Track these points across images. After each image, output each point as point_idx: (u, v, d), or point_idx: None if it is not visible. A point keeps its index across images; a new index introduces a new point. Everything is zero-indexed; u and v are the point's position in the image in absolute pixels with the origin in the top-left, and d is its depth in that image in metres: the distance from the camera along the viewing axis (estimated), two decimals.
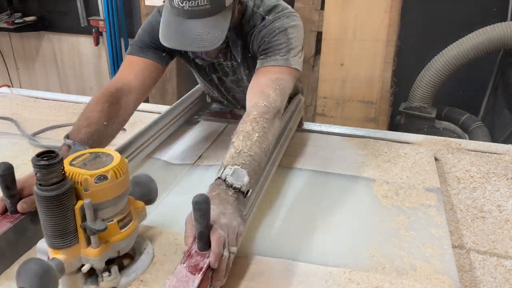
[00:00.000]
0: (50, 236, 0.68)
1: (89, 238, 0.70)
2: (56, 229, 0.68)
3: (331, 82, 2.86)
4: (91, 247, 0.70)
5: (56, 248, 0.69)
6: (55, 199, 0.65)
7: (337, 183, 1.13)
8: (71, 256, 0.70)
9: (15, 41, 4.08)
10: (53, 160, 0.65)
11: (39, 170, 0.65)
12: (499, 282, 0.86)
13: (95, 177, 0.68)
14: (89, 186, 0.68)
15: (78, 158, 0.72)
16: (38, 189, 0.66)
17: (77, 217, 0.68)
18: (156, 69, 1.18)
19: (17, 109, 1.55)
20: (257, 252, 0.87)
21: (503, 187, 1.15)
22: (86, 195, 0.68)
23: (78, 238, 0.70)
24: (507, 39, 2.51)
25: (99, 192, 0.69)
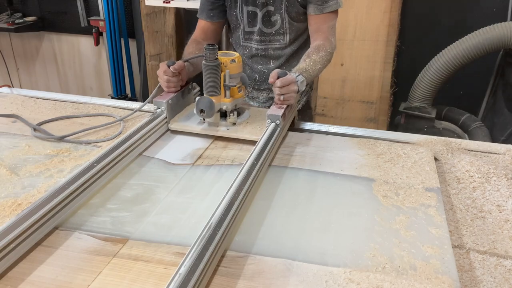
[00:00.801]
0: (209, 88, 1.31)
1: (226, 92, 1.33)
2: (213, 84, 1.30)
3: (331, 82, 2.87)
4: (226, 98, 1.34)
5: (211, 95, 1.31)
6: (214, 67, 1.29)
7: (337, 183, 1.13)
8: (217, 100, 1.32)
9: (15, 41, 4.08)
10: (215, 46, 1.27)
11: (208, 51, 1.27)
12: (499, 282, 0.86)
13: (230, 59, 1.32)
14: (227, 64, 1.31)
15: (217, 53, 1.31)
16: (206, 62, 1.28)
17: (221, 79, 1.31)
18: (212, 26, 1.64)
19: (17, 109, 1.55)
20: (257, 252, 0.87)
21: (503, 187, 1.15)
22: (226, 69, 1.31)
23: (221, 92, 1.32)
24: (507, 39, 2.51)
25: (232, 68, 1.32)
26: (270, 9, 1.55)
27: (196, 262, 0.74)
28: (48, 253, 0.87)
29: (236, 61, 1.32)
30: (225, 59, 1.31)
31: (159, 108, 1.35)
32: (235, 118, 1.34)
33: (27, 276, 0.81)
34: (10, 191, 1.06)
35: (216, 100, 1.31)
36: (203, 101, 1.29)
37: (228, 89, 1.31)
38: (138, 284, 0.79)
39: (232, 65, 1.32)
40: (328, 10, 1.48)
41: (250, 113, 1.43)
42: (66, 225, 0.95)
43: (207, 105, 1.28)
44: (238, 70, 1.34)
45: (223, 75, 1.31)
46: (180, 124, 1.38)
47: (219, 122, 1.35)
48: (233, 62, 1.32)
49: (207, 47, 1.26)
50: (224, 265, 0.84)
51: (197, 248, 0.77)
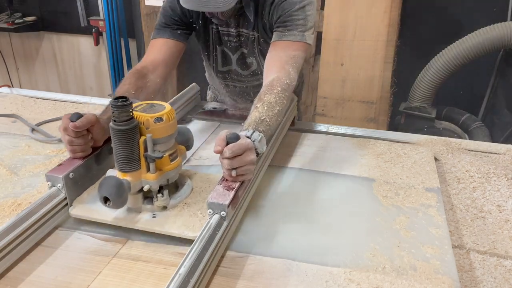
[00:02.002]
0: (120, 162, 0.88)
1: (148, 166, 0.90)
2: (126, 156, 0.87)
3: (331, 82, 2.86)
4: (150, 173, 0.90)
5: (125, 171, 0.89)
6: (126, 132, 0.85)
7: (337, 183, 1.13)
8: (135, 178, 0.90)
9: (15, 41, 4.08)
10: (126, 102, 0.84)
11: (116, 109, 0.83)
12: (499, 282, 0.86)
13: (154, 118, 0.88)
14: (150, 125, 0.88)
15: (138, 106, 0.91)
16: (114, 124, 0.85)
17: (141, 148, 0.88)
18: (175, 46, 1.33)
19: (17, 109, 1.55)
20: (257, 252, 0.87)
21: (503, 187, 1.15)
22: (148, 132, 0.88)
23: (140, 165, 0.89)
24: (507, 39, 2.51)
25: (157, 130, 0.89)
26: (243, 51, 1.41)
27: (196, 263, 0.74)
28: (48, 253, 0.87)
29: (165, 118, 0.89)
30: (146, 118, 0.88)
31: (55, 186, 0.93)
32: (166, 199, 0.93)
33: (26, 276, 0.81)
34: (10, 191, 1.06)
35: (134, 178, 0.89)
36: (108, 183, 0.85)
37: (151, 161, 0.89)
38: (138, 284, 0.79)
39: (158, 125, 0.88)
40: (288, 38, 1.22)
41: (192, 186, 1.02)
42: (66, 225, 0.95)
43: (113, 191, 0.84)
44: (169, 131, 0.91)
45: (143, 142, 0.88)
46: (86, 207, 0.95)
47: (142, 206, 0.94)
48: (159, 121, 0.88)
49: (115, 102, 0.84)
50: (224, 265, 0.84)
51: (197, 248, 0.77)
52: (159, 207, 0.94)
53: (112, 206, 0.85)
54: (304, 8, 1.22)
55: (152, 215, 0.93)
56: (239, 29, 1.35)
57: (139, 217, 0.93)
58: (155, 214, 0.93)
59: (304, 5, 1.23)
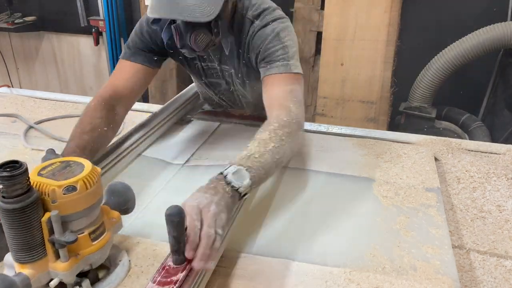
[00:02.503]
0: (15, 250, 0.64)
1: (57, 252, 0.66)
2: (22, 242, 0.63)
3: (331, 82, 2.86)
4: (60, 261, 0.66)
5: (23, 262, 0.65)
6: (20, 211, 0.61)
7: (337, 183, 1.13)
8: (39, 270, 0.66)
9: (15, 41, 4.08)
10: (17, 171, 0.60)
11: (2, 181, 0.60)
12: (499, 282, 0.86)
13: (63, 188, 0.64)
14: (57, 197, 0.64)
15: (48, 167, 0.68)
16: (2, 202, 0.61)
17: (44, 230, 0.64)
18: (147, 73, 1.19)
19: (17, 109, 1.55)
20: (257, 252, 0.87)
21: (503, 187, 1.15)
22: (54, 207, 0.64)
23: (46, 252, 0.66)
24: (507, 39, 2.51)
25: (68, 203, 0.65)
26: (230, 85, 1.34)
27: None
28: None
29: (80, 187, 0.65)
30: (52, 187, 0.64)
31: None
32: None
33: None
34: None
35: (37, 269, 0.66)
36: None
37: (60, 246, 0.66)
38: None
39: (70, 197, 0.65)
40: (272, 71, 1.10)
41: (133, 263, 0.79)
42: None
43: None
44: (87, 203, 0.67)
45: (45, 221, 0.64)
46: None
47: None
48: (71, 191, 0.65)
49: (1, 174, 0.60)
50: (224, 265, 0.84)
51: None
52: None
53: None
54: (278, 36, 1.11)
55: None
56: (222, 65, 1.25)
57: None
58: None
59: (278, 32, 1.11)
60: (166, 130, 1.39)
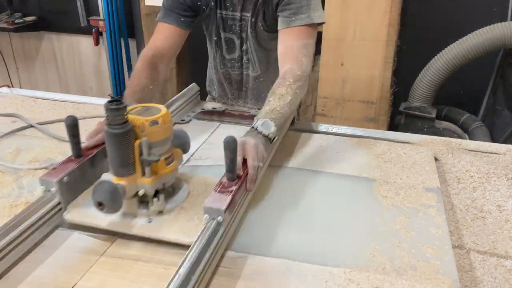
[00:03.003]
0: (115, 167, 0.86)
1: (144, 170, 0.88)
2: (120, 160, 0.85)
3: (331, 82, 2.86)
4: (145, 177, 0.88)
5: (120, 176, 0.87)
6: (121, 136, 0.83)
7: (337, 183, 1.13)
8: (130, 183, 0.88)
9: (15, 41, 4.08)
10: (120, 105, 0.82)
11: (110, 112, 0.81)
12: (499, 282, 0.86)
13: (149, 121, 0.86)
14: (145, 128, 0.86)
15: (133, 109, 0.89)
16: (108, 128, 0.83)
17: (136, 152, 0.86)
18: (179, 33, 1.37)
19: (17, 109, 1.55)
20: (257, 252, 0.87)
21: (503, 187, 1.15)
22: (143, 135, 0.86)
23: (136, 169, 0.87)
24: (507, 39, 2.51)
25: (152, 133, 0.86)
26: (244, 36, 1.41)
27: (196, 263, 0.74)
28: (48, 253, 0.87)
29: (161, 122, 0.87)
30: (141, 121, 0.86)
31: (48, 190, 0.91)
32: (162, 203, 0.92)
33: (26, 276, 0.81)
34: (9, 192, 1.06)
35: (129, 182, 0.87)
36: (102, 187, 0.84)
37: (147, 165, 0.87)
38: (138, 284, 0.79)
39: (154, 129, 0.86)
40: (296, 23, 1.22)
41: (190, 189, 1.00)
42: (66, 225, 0.95)
43: (107, 196, 0.83)
44: (165, 135, 0.89)
45: (138, 146, 0.86)
46: (81, 212, 0.93)
47: (138, 211, 0.93)
48: (155, 124, 0.86)
49: (110, 105, 0.82)
50: (224, 265, 0.84)
51: (196, 248, 0.77)
52: (154, 212, 0.92)
53: (106, 211, 0.84)
54: None
55: (148, 219, 0.91)
56: (242, 13, 1.36)
57: (135, 222, 0.91)
58: (151, 219, 0.91)
59: None
60: None
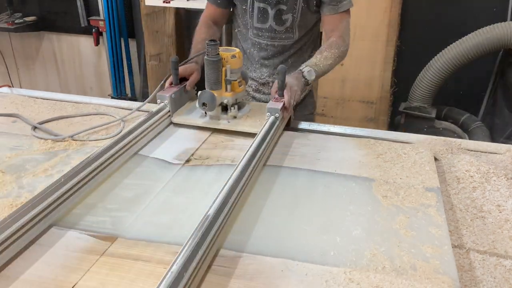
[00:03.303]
0: (211, 83, 1.36)
1: (227, 86, 1.39)
2: (215, 78, 1.35)
3: (331, 82, 2.87)
4: (227, 92, 1.39)
5: (213, 89, 1.36)
6: (216, 62, 1.33)
7: (337, 183, 1.13)
8: (219, 95, 1.37)
9: (15, 41, 4.08)
10: (216, 42, 1.32)
11: (210, 47, 1.31)
12: (499, 282, 0.86)
13: (230, 55, 1.37)
14: (228, 59, 1.36)
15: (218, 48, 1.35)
16: (208, 57, 1.33)
17: (223, 74, 1.37)
18: (220, 12, 1.69)
19: (17, 109, 1.55)
20: (256, 252, 0.87)
21: (503, 187, 1.15)
22: (227, 63, 1.36)
23: (222, 86, 1.38)
24: (507, 39, 2.51)
25: (232, 63, 1.37)
26: (282, 7, 1.56)
27: (188, 260, 0.74)
28: (43, 251, 0.87)
29: (237, 56, 1.37)
30: (226, 55, 1.36)
31: (162, 102, 1.40)
32: (236, 111, 1.40)
33: (21, 275, 0.81)
34: (9, 192, 1.06)
35: (218, 94, 1.35)
36: (205, 95, 1.34)
37: (229, 83, 1.37)
38: (138, 284, 0.79)
39: (233, 60, 1.36)
40: (342, 9, 1.55)
41: (251, 107, 1.49)
42: (62, 223, 0.95)
43: (209, 99, 1.33)
44: (239, 65, 1.39)
45: (224, 70, 1.36)
46: (182, 117, 1.43)
47: (220, 116, 1.40)
48: (234, 57, 1.37)
49: (209, 43, 1.30)
50: (224, 265, 0.84)
51: (189, 246, 0.77)
52: (231, 116, 1.40)
53: (207, 109, 1.35)
54: None
55: (227, 121, 1.39)
56: None
57: (219, 122, 1.39)
58: (229, 121, 1.39)
59: None
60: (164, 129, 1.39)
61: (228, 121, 1.38)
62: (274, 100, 1.32)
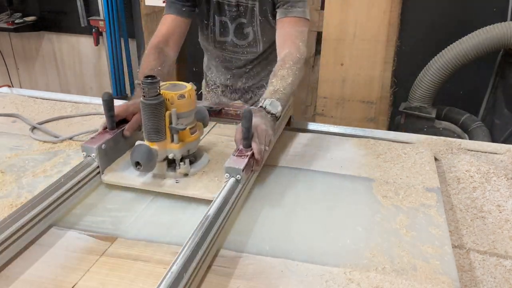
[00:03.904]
0: (149, 133, 1.02)
1: (173, 137, 1.04)
2: (154, 127, 1.01)
3: (331, 82, 2.87)
4: (174, 143, 1.04)
5: (153, 141, 1.03)
6: (154, 106, 0.99)
7: (336, 183, 1.13)
8: (162, 147, 1.04)
9: (15, 41, 4.08)
10: (155, 80, 0.98)
11: (146, 86, 0.97)
12: (499, 282, 0.86)
13: (177, 95, 1.02)
14: (174, 101, 1.02)
15: (163, 86, 1.04)
16: (144, 100, 0.99)
17: (167, 120, 1.02)
18: (180, 23, 1.47)
19: (17, 109, 1.55)
20: (256, 252, 0.87)
21: (503, 187, 1.15)
22: (172, 107, 1.01)
23: (166, 136, 1.03)
24: (507, 39, 2.51)
25: (180, 105, 1.02)
26: (242, 21, 1.50)
27: (188, 260, 0.74)
28: (43, 251, 0.86)
29: (187, 96, 1.03)
30: (171, 95, 1.02)
31: (89, 156, 1.06)
32: (187, 167, 1.07)
33: (21, 275, 0.81)
34: (9, 192, 1.06)
35: (160, 147, 1.04)
36: (139, 150, 0.99)
37: (175, 132, 1.03)
38: (138, 284, 0.79)
39: (181, 102, 1.02)
40: (293, 14, 1.39)
41: (210, 158, 1.17)
42: (62, 223, 0.95)
43: (144, 157, 0.98)
44: (190, 107, 1.05)
45: (169, 115, 1.02)
46: (116, 175, 1.08)
47: (166, 173, 1.08)
48: (182, 98, 1.02)
49: (145, 81, 0.98)
50: (224, 265, 0.84)
51: (189, 246, 0.76)
52: (181, 174, 1.07)
53: (142, 170, 1.00)
54: None
55: (175, 181, 1.06)
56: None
57: (164, 182, 1.06)
58: (178, 180, 1.06)
59: None
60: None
61: (177, 181, 1.06)
62: (237, 155, 1.01)
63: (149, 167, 1.00)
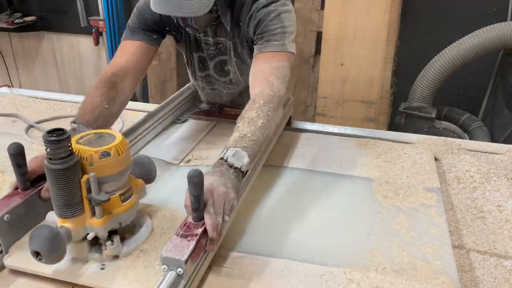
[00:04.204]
0: (58, 206, 0.74)
1: (93, 209, 0.76)
2: (64, 199, 0.73)
3: (331, 82, 2.86)
4: (95, 218, 0.76)
5: (64, 217, 0.74)
6: (63, 172, 0.71)
7: (337, 183, 1.13)
8: (78, 225, 0.75)
9: (15, 41, 4.08)
10: (62, 137, 0.70)
11: (49, 145, 0.70)
12: (499, 282, 0.86)
13: (99, 153, 0.73)
14: (94, 161, 0.73)
15: (84, 137, 0.77)
16: (48, 163, 0.71)
17: (83, 189, 0.74)
18: (148, 51, 1.24)
19: (17, 109, 1.55)
20: (257, 252, 0.87)
21: (503, 187, 1.15)
22: (91, 170, 0.73)
23: (84, 209, 0.76)
24: (507, 39, 2.51)
25: (103, 167, 0.74)
26: (222, 58, 1.35)
27: None
28: None
29: (113, 153, 0.75)
30: (90, 152, 0.74)
31: None
32: (117, 247, 0.80)
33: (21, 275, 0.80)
34: None
35: (76, 224, 0.75)
36: (39, 234, 0.70)
37: (96, 204, 0.75)
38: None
39: (105, 162, 0.74)
40: (268, 49, 1.17)
41: (155, 225, 0.88)
42: None
43: (45, 245, 0.69)
44: (118, 168, 0.77)
45: (85, 182, 0.74)
46: (24, 256, 0.79)
47: (89, 255, 0.81)
48: (106, 156, 0.74)
49: (48, 138, 0.70)
50: (224, 265, 0.84)
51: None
52: (108, 257, 0.80)
53: (45, 261, 0.70)
54: (279, 16, 1.17)
55: (101, 266, 0.79)
56: (216, 38, 1.29)
57: (85, 268, 0.78)
58: (104, 264, 0.79)
59: (280, 13, 1.17)
60: (163, 130, 1.39)
61: (102, 266, 0.79)
62: (182, 234, 0.75)
63: (54, 258, 0.71)
